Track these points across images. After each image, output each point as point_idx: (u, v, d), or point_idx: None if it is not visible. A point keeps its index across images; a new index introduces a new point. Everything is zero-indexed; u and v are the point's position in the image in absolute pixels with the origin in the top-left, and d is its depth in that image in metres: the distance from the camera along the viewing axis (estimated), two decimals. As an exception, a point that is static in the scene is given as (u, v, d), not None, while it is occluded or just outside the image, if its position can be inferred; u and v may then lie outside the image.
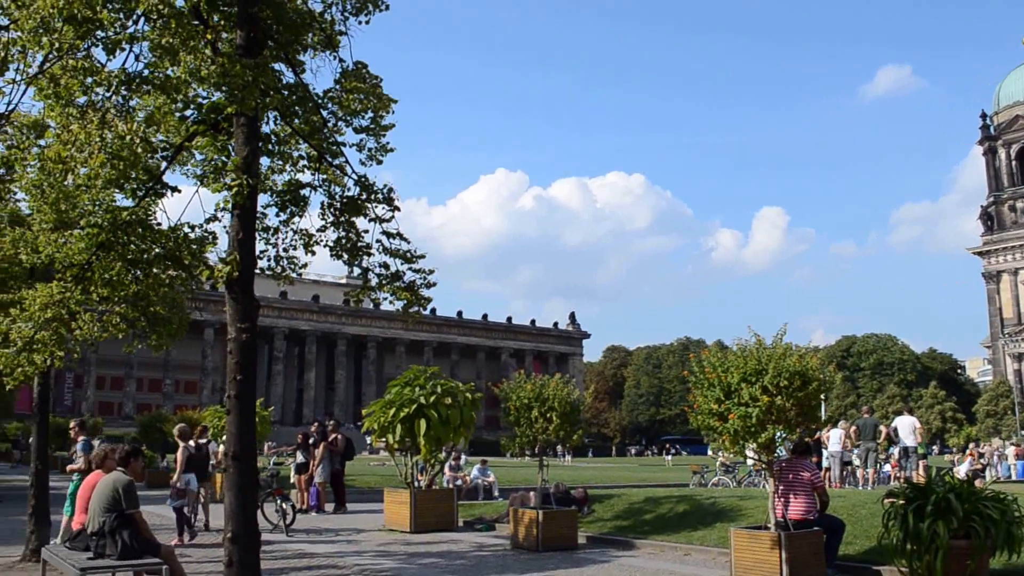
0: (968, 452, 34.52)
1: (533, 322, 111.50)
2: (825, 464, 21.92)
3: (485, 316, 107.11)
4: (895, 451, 24.98)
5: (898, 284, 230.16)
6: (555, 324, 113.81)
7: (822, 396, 11.10)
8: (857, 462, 23.56)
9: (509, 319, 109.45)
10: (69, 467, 14.41)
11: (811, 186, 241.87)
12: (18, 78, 8.03)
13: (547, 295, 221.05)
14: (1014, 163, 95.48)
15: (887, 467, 27.31)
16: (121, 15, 7.87)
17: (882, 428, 23.91)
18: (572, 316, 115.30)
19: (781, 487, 10.93)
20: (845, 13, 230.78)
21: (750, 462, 11.19)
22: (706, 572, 11.68)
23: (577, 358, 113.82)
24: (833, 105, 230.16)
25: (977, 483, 10.70)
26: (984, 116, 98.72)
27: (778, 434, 10.58)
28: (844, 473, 22.48)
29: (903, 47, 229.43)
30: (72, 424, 15.71)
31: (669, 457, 72.04)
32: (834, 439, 22.36)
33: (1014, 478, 33.19)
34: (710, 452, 55.87)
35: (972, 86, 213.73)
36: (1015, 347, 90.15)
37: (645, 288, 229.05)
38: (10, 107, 8.43)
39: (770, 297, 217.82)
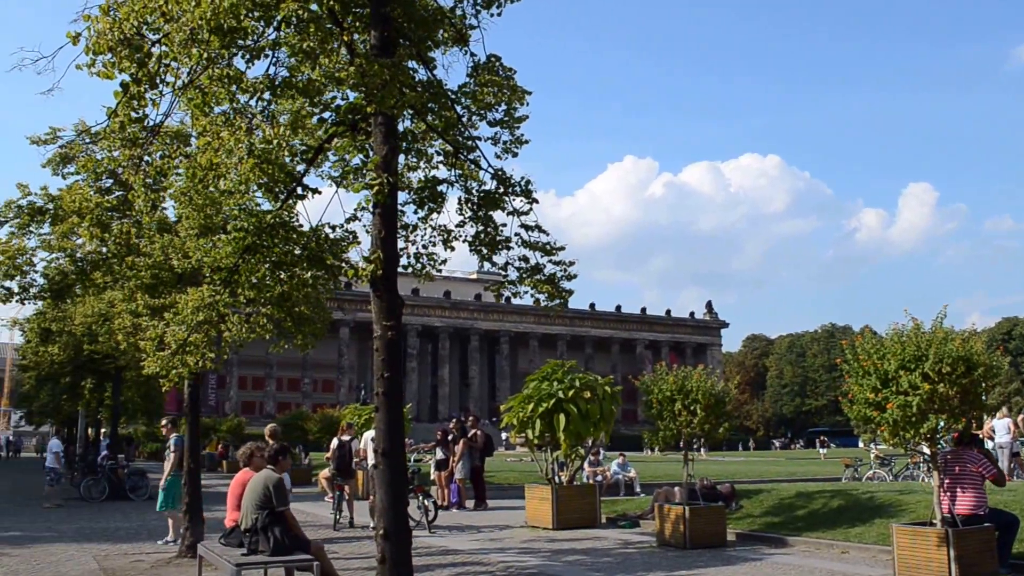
0: None
1: (668, 312, 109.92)
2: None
3: (618, 307, 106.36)
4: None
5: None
6: (691, 314, 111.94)
7: (985, 383, 10.38)
8: (1026, 453, 22.06)
9: (643, 310, 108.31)
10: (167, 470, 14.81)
11: (961, 159, 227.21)
12: (166, 91, 8.29)
13: (681, 284, 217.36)
14: None
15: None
16: (262, 23, 8.08)
17: None
18: (709, 305, 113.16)
19: (947, 480, 10.30)
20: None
21: (925, 451, 10.52)
22: (867, 571, 11.11)
23: (716, 348, 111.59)
24: (981, 71, 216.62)
25: None
26: None
27: (940, 424, 9.96)
28: (1012, 465, 21.11)
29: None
30: (163, 422, 16.36)
31: (823, 450, 68.95)
32: (1000, 429, 20.99)
33: None
34: (861, 444, 53.60)
35: None
36: None
37: (784, 274, 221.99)
38: (162, 118, 8.75)
39: (920, 279, 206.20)
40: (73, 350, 27.80)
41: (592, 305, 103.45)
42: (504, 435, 60.40)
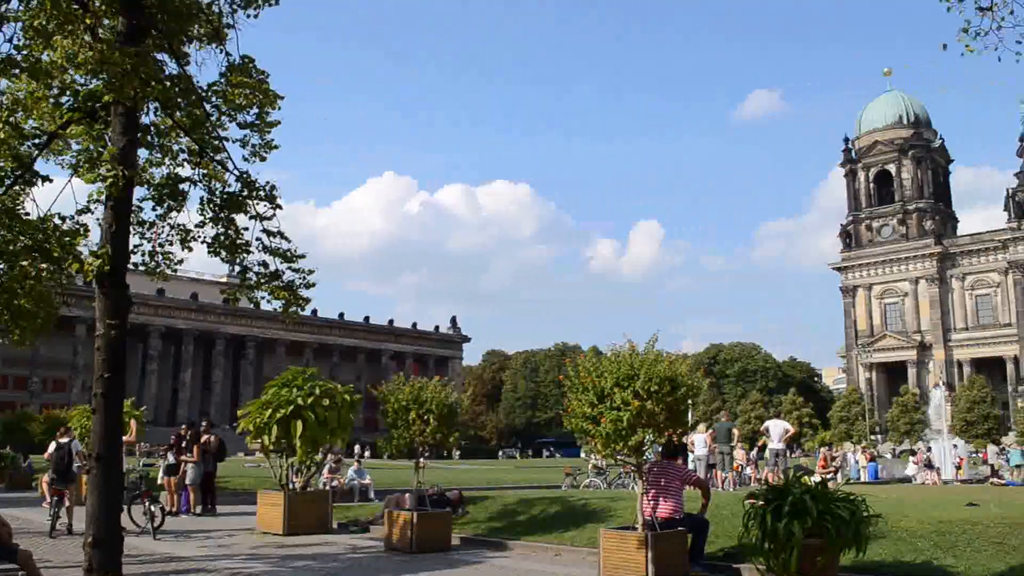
0: (821, 457, 35.46)
1: (415, 325, 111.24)
2: (691, 467, 22.73)
3: (367, 318, 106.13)
4: (767, 453, 26.32)
5: (762, 296, 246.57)
6: (436, 327, 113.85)
7: (690, 401, 11.51)
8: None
9: (391, 321, 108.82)
10: None
11: (685, 201, 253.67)
12: None
13: (435, 299, 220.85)
14: (872, 185, 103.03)
15: (748, 470, 28.57)
16: (-8, -6, 7.62)
17: (735, 431, 26.14)
18: (453, 320, 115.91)
19: (652, 489, 11.19)
20: (716, 40, 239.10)
21: (632, 461, 11.39)
22: (576, 572, 11.95)
23: (457, 361, 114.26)
24: (708, 125, 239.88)
25: (830, 485, 11.26)
26: (847, 141, 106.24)
27: (647, 437, 10.87)
28: (708, 476, 23.33)
29: (774, 73, 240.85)
30: None
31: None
32: (699, 443, 23.34)
33: (863, 480, 34.78)
34: (583, 454, 56.67)
35: (837, 112, 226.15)
36: (867, 357, 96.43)
37: (526, 294, 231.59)
38: None
39: (645, 305, 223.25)
40: None
41: (341, 314, 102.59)
42: (244, 439, 58.37)
